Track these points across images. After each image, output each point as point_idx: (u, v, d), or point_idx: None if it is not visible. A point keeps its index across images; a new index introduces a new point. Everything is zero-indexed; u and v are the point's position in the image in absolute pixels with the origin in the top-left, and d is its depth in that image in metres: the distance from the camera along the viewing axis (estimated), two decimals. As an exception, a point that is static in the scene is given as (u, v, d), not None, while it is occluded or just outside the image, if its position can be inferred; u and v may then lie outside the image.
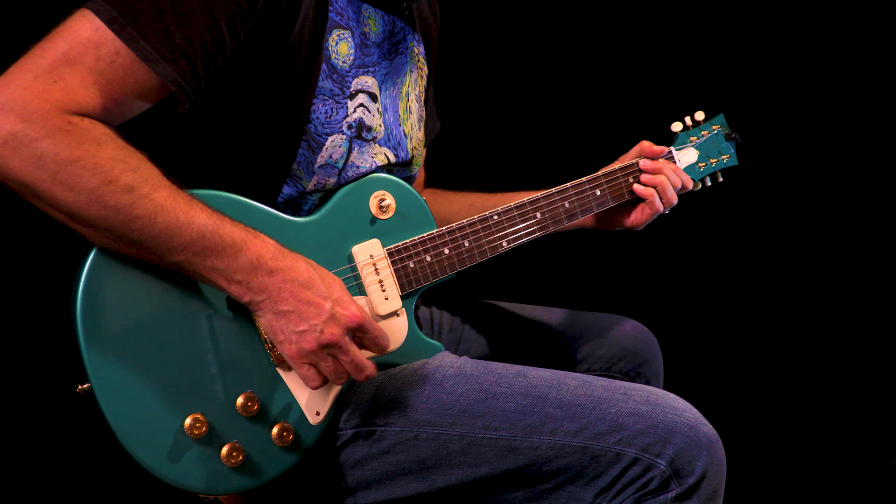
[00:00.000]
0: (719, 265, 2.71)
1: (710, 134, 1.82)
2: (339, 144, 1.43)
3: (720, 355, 2.72)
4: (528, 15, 2.59)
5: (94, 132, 1.18)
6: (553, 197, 1.60)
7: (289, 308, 1.26)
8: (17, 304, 1.99)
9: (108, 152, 1.18)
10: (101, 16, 1.19)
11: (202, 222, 1.22)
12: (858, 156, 2.56)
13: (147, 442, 1.24)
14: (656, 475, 1.33)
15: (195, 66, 1.24)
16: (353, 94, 1.44)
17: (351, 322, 1.28)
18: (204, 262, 1.23)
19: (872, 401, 2.59)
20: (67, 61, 1.17)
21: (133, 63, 1.21)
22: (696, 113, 1.81)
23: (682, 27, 2.57)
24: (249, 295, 1.26)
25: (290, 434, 1.33)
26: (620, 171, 1.68)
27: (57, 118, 1.15)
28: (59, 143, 1.14)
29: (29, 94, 1.14)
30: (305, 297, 1.26)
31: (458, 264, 1.52)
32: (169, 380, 1.26)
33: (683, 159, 1.78)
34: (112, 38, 1.19)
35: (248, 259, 1.24)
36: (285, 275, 1.26)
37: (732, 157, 1.84)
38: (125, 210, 1.18)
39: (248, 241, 1.25)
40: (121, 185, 1.17)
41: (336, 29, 1.41)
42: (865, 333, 2.62)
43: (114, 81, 1.20)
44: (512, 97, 2.62)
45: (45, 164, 1.14)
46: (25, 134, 1.13)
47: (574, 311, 1.88)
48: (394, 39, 1.55)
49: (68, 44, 1.18)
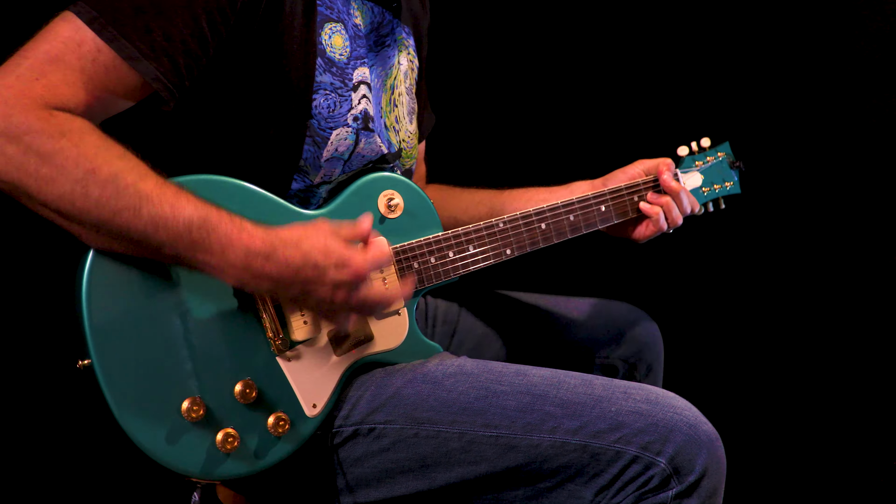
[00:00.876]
0: (720, 264, 2.71)
1: (715, 160, 1.84)
2: (345, 137, 1.43)
3: (720, 354, 2.72)
4: (544, 13, 2.60)
5: (75, 123, 1.18)
6: (559, 210, 1.61)
7: (296, 290, 1.26)
8: (21, 279, 2.00)
9: (90, 140, 1.18)
10: (81, 16, 1.20)
11: (188, 215, 1.19)
12: (857, 163, 2.57)
13: (144, 421, 1.25)
14: (656, 473, 1.33)
15: (177, 63, 1.25)
16: (356, 85, 1.45)
17: (355, 280, 1.27)
18: (194, 256, 1.22)
19: (872, 401, 2.59)
20: (49, 60, 1.18)
21: (114, 61, 1.21)
22: (703, 139, 1.83)
23: (696, 46, 2.59)
24: (251, 287, 1.26)
25: (287, 424, 1.33)
26: (626, 190, 1.68)
27: (38, 112, 1.15)
28: (40, 136, 1.14)
29: (9, 92, 1.15)
30: (306, 275, 1.25)
31: (462, 268, 1.52)
32: (169, 361, 1.27)
33: (688, 183, 1.80)
34: (93, 38, 1.20)
35: (237, 255, 1.22)
36: (279, 265, 1.24)
37: (735, 184, 1.87)
38: (109, 201, 1.16)
39: (234, 236, 1.22)
40: (104, 174, 1.16)
41: (328, 22, 1.41)
42: (865, 333, 2.62)
43: (95, 79, 1.21)
44: (521, 93, 2.64)
45: (29, 159, 1.14)
46: (8, 131, 1.14)
47: (571, 297, 1.89)
48: (381, 32, 1.55)
49: (50, 44, 1.19)
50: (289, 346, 1.35)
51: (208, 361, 1.30)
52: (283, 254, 1.24)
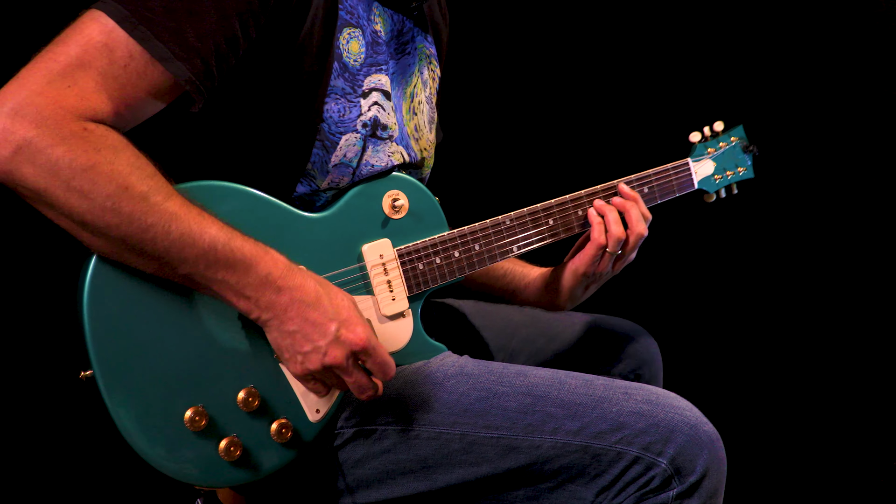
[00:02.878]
0: (719, 266, 2.72)
1: (728, 146, 1.82)
2: (353, 143, 1.42)
3: (720, 355, 2.72)
4: (550, 20, 2.59)
5: (110, 138, 1.17)
6: (567, 205, 1.60)
7: (294, 328, 1.26)
8: (23, 288, 2.00)
9: (124, 158, 1.17)
10: (112, 16, 1.18)
11: (214, 234, 1.21)
12: (860, 162, 2.57)
13: (147, 432, 1.25)
14: (657, 474, 1.33)
15: (209, 64, 1.24)
16: (366, 92, 1.44)
17: (356, 345, 1.27)
18: (214, 274, 1.22)
19: (872, 401, 2.59)
20: (81, 65, 1.16)
21: (147, 64, 1.20)
22: (716, 123, 1.81)
23: (702, 35, 2.58)
24: (257, 312, 1.26)
25: (290, 431, 1.33)
26: (636, 179, 1.67)
27: (72, 124, 1.14)
28: (75, 150, 1.13)
29: (43, 100, 1.13)
30: (311, 318, 1.26)
31: (468, 268, 1.52)
32: (171, 371, 1.27)
33: (700, 171, 1.78)
34: (125, 39, 1.18)
35: (258, 275, 1.23)
36: (293, 294, 1.25)
37: (749, 169, 1.84)
38: (140, 218, 1.17)
39: (259, 257, 1.24)
40: (137, 192, 1.16)
41: (347, 27, 1.41)
42: (865, 333, 2.62)
43: (127, 85, 1.20)
44: (531, 104, 2.63)
45: (61, 170, 1.13)
46: (40, 140, 1.12)
47: (572, 312, 1.88)
48: (401, 39, 1.55)
49: (81, 47, 1.17)
50: None
51: (211, 370, 1.29)
52: (300, 283, 1.25)
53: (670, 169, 1.72)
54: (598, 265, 1.58)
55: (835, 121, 2.57)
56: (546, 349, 1.83)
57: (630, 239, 1.58)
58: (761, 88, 2.58)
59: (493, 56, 2.58)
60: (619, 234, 1.56)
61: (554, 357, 1.82)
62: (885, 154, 2.55)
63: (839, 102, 2.56)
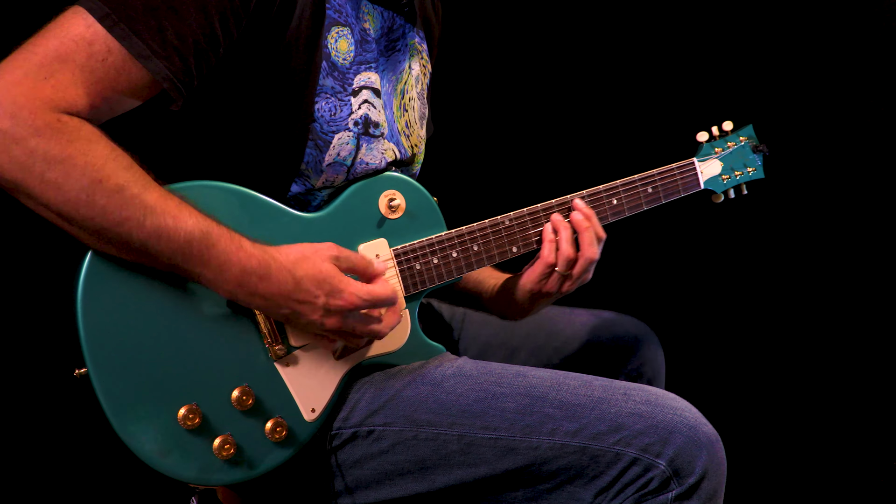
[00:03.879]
0: (720, 265, 2.71)
1: (737, 146, 1.78)
2: (347, 142, 1.42)
3: (720, 355, 2.72)
4: (555, 17, 2.59)
5: (84, 130, 1.17)
6: (567, 205, 1.59)
7: (287, 311, 1.28)
8: (18, 287, 2.00)
9: (99, 150, 1.17)
10: (93, 12, 1.19)
11: (189, 228, 1.21)
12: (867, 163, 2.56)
13: (141, 430, 1.25)
14: (656, 475, 1.33)
15: (187, 62, 1.24)
16: (356, 90, 1.44)
17: (346, 309, 1.29)
18: (193, 268, 1.23)
19: (872, 401, 2.59)
20: (59, 58, 1.17)
21: (125, 60, 1.20)
22: (725, 123, 1.78)
23: (712, 34, 2.57)
24: (245, 304, 1.28)
25: (284, 430, 1.33)
26: (639, 179, 1.66)
27: (47, 115, 1.15)
28: (49, 141, 1.14)
29: (18, 91, 1.14)
30: (298, 298, 1.27)
31: (466, 268, 1.51)
32: (165, 369, 1.27)
33: (706, 171, 1.75)
34: (104, 35, 1.19)
35: (233, 274, 1.24)
36: (272, 286, 1.26)
37: (759, 170, 1.81)
38: (114, 211, 1.17)
39: (232, 254, 1.24)
40: (111, 185, 1.17)
41: (335, 26, 1.41)
42: (865, 334, 2.61)
43: (105, 79, 1.20)
44: (535, 102, 2.63)
45: (35, 162, 1.13)
46: (15, 131, 1.13)
47: (574, 308, 1.88)
48: (391, 36, 1.54)
49: (60, 41, 1.18)
50: (287, 352, 1.35)
51: (205, 368, 1.29)
52: (276, 276, 1.26)
53: (675, 169, 1.71)
54: (545, 283, 1.56)
55: (845, 121, 2.56)
56: (547, 346, 1.83)
57: (579, 262, 1.55)
58: (771, 88, 2.56)
59: (495, 54, 2.58)
60: (570, 254, 1.53)
61: (555, 354, 1.82)
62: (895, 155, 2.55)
63: (850, 103, 2.55)
